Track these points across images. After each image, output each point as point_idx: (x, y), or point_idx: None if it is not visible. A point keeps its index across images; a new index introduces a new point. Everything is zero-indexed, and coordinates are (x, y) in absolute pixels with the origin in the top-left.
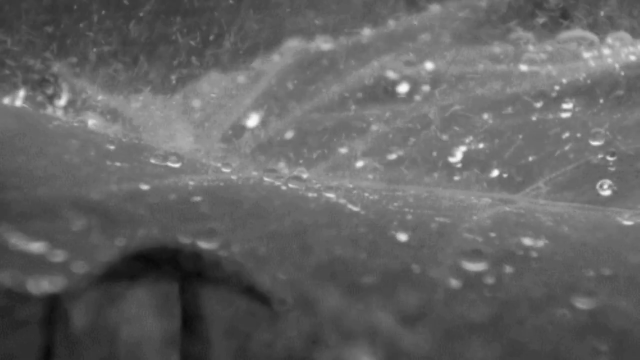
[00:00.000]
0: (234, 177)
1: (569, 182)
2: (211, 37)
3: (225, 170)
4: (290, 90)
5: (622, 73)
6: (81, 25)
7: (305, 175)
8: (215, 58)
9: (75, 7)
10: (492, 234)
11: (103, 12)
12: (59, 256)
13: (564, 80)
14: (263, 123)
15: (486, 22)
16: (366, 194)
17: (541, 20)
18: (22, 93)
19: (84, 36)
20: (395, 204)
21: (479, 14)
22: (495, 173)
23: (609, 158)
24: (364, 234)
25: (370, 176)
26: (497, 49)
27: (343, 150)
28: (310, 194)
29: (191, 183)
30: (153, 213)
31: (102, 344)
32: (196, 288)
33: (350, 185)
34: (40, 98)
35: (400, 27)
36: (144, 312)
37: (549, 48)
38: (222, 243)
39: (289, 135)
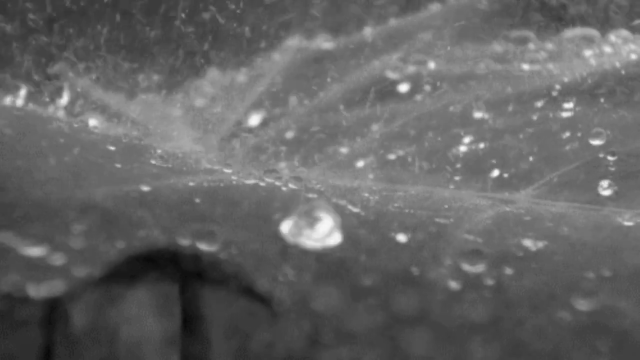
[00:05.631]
0: (234, 178)
1: (569, 182)
2: (211, 37)
3: (225, 170)
4: (290, 90)
5: (623, 72)
6: (82, 25)
7: (306, 176)
8: (215, 58)
9: (75, 7)
10: (492, 235)
11: (103, 12)
12: (59, 259)
13: (565, 80)
14: (263, 123)
15: (487, 21)
16: (366, 194)
17: (542, 19)
18: (22, 93)
19: (84, 36)
20: (395, 205)
21: (480, 13)
22: (495, 173)
23: (610, 158)
24: (364, 235)
25: (370, 176)
26: (497, 48)
27: (343, 150)
28: (310, 194)
29: (191, 184)
30: (153, 214)
31: (102, 344)
32: (196, 288)
33: (350, 185)
34: (40, 98)
35: (401, 27)
36: (144, 312)
37: (550, 47)
38: (222, 243)
39: (289, 135)
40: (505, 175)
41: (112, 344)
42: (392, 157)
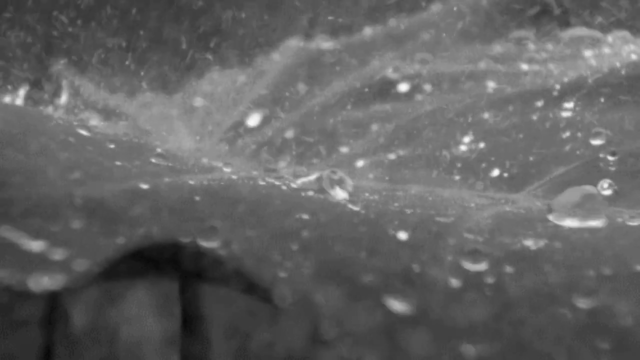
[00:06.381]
0: (234, 177)
1: (569, 182)
2: (211, 37)
3: (225, 169)
4: (290, 90)
5: (623, 72)
6: (82, 25)
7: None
8: (215, 58)
9: (76, 7)
10: (493, 234)
11: (103, 12)
12: (59, 254)
13: (565, 80)
14: (263, 123)
15: (487, 21)
16: (366, 194)
17: (542, 19)
18: (22, 93)
19: (84, 36)
20: (396, 204)
21: (480, 13)
22: (495, 173)
23: (610, 157)
24: (364, 234)
25: (371, 176)
26: (498, 48)
27: (343, 150)
28: (310, 194)
29: (191, 182)
30: (153, 212)
31: (102, 344)
32: (196, 288)
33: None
34: (40, 98)
35: (401, 27)
36: (144, 312)
37: (550, 47)
38: (222, 242)
39: (289, 135)
40: (505, 175)
41: (112, 344)
42: (392, 157)
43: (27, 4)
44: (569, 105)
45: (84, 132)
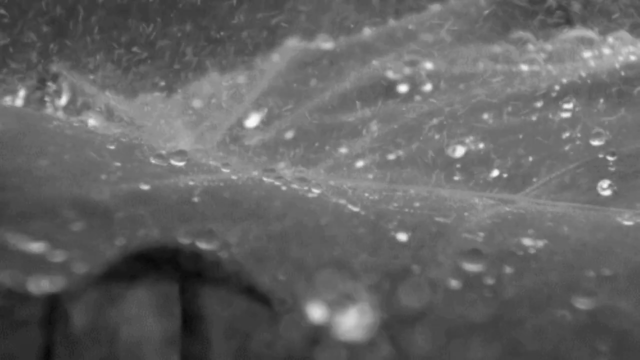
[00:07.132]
0: (234, 177)
1: (569, 182)
2: (211, 37)
3: (225, 170)
4: (290, 90)
5: (623, 73)
6: (81, 25)
7: (306, 176)
8: (215, 58)
9: (75, 7)
10: (492, 234)
11: (103, 12)
12: (59, 256)
13: (564, 80)
14: (263, 123)
15: (486, 21)
16: (366, 194)
17: (541, 19)
18: (22, 93)
19: (84, 36)
20: (395, 204)
21: (480, 14)
22: (495, 173)
23: (609, 158)
24: (364, 234)
25: (370, 176)
26: (497, 48)
27: (343, 150)
28: (310, 194)
29: (191, 183)
30: (153, 213)
31: (102, 344)
32: (196, 288)
33: (350, 185)
34: (40, 98)
35: (401, 27)
36: (144, 312)
37: (549, 48)
38: (222, 243)
39: (289, 135)
40: (505, 175)
41: (112, 344)
42: (392, 157)
43: (27, 4)
44: (569, 105)
45: (84, 134)
